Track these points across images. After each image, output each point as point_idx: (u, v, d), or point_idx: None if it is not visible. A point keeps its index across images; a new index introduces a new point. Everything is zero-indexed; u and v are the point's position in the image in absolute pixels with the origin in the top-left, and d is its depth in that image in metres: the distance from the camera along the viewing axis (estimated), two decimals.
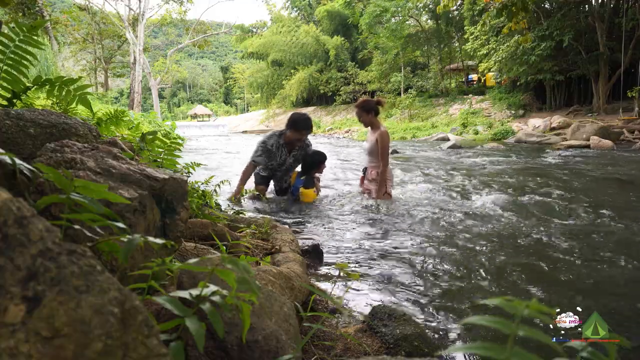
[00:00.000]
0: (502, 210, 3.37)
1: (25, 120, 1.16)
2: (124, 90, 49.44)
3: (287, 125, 3.73)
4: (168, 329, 0.66)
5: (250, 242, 1.84)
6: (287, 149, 3.78)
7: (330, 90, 29.95)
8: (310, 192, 3.69)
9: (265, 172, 3.84)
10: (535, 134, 13.31)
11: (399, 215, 3.23)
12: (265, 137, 3.78)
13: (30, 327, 0.39)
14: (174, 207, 1.16)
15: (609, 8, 16.16)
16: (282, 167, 3.83)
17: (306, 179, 3.74)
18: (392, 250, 2.40)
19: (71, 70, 23.63)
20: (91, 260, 0.46)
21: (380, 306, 1.41)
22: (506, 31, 9.21)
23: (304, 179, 3.74)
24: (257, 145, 3.76)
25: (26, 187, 0.81)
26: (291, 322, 0.98)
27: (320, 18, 32.19)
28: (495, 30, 17.39)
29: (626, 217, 3.11)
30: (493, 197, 3.92)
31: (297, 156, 3.85)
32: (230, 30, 34.08)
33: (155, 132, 1.74)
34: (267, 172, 3.84)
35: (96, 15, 23.78)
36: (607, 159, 7.96)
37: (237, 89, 55.40)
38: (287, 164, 3.83)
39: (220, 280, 0.75)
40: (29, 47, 1.60)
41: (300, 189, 3.68)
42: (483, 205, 3.57)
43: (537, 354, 0.38)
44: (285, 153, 3.78)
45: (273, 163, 3.77)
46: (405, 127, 20.17)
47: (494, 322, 0.39)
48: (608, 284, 1.91)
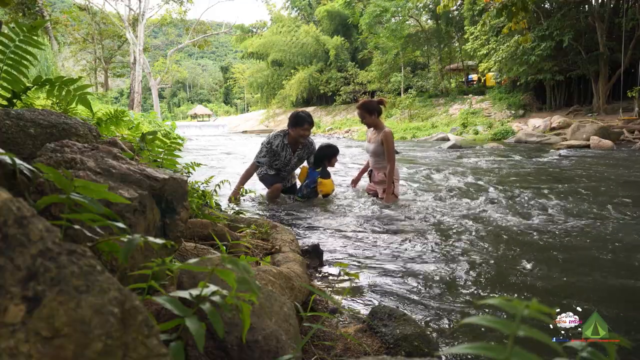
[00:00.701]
0: (502, 211, 3.37)
1: (25, 120, 1.16)
2: (124, 90, 49.44)
3: (289, 124, 3.74)
4: (168, 329, 0.66)
5: (250, 242, 1.84)
6: (292, 149, 3.80)
7: (330, 90, 29.96)
8: (329, 181, 3.69)
9: (272, 170, 3.84)
10: (535, 134, 13.31)
11: (399, 216, 3.23)
12: (271, 138, 3.79)
13: (30, 327, 0.39)
14: (174, 207, 1.16)
15: (609, 8, 16.16)
16: (286, 167, 3.84)
17: (322, 170, 3.75)
18: (392, 250, 2.40)
19: (71, 70, 23.64)
20: (91, 260, 0.46)
21: (380, 306, 1.41)
22: (506, 31, 9.21)
23: (319, 170, 3.76)
24: (261, 147, 3.77)
25: (26, 187, 0.81)
26: (291, 322, 0.98)
27: (320, 18, 32.20)
28: (495, 30, 17.40)
29: (626, 217, 3.11)
30: (493, 198, 3.92)
31: (301, 155, 3.86)
32: (230, 30, 34.07)
33: (155, 132, 1.74)
34: (274, 170, 3.85)
35: (96, 15, 23.78)
36: (607, 159, 7.96)
37: (237, 89, 55.40)
38: (291, 164, 3.85)
39: (220, 280, 0.75)
40: (29, 47, 1.60)
41: (319, 179, 3.69)
42: (483, 206, 3.57)
43: (537, 354, 0.38)
44: (289, 153, 3.79)
45: (277, 163, 3.78)
46: (405, 127, 20.17)
47: (494, 322, 0.39)
48: (608, 283, 1.91)
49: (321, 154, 3.82)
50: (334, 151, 3.83)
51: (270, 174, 3.83)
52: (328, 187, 3.68)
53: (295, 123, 3.70)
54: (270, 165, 3.79)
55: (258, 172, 3.84)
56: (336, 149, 3.87)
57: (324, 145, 3.90)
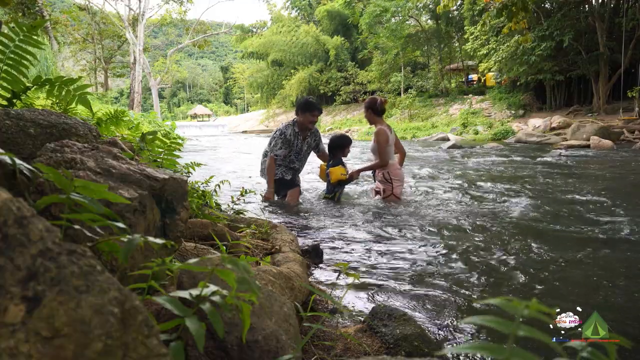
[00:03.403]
0: (502, 211, 3.37)
1: (25, 120, 1.16)
2: (124, 90, 49.42)
3: (298, 110, 3.79)
4: (168, 329, 0.66)
5: (250, 242, 1.83)
6: (302, 136, 3.84)
7: (330, 90, 29.95)
8: (337, 168, 3.70)
9: (289, 173, 3.84)
10: (535, 134, 13.31)
11: (400, 216, 3.23)
12: (282, 129, 3.81)
13: (30, 327, 0.39)
14: (174, 207, 1.16)
15: (609, 8, 16.17)
16: (299, 156, 3.88)
17: (333, 160, 3.82)
18: (392, 250, 2.40)
19: (71, 70, 23.65)
20: (91, 260, 0.46)
21: (380, 306, 1.41)
22: (506, 31, 9.22)
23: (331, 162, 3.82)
24: (274, 140, 3.76)
25: (26, 187, 0.81)
26: (291, 322, 0.98)
27: (320, 18, 32.19)
28: (495, 30, 17.40)
29: (626, 217, 3.11)
30: (493, 198, 3.92)
31: (309, 143, 3.92)
32: (230, 30, 34.06)
33: (155, 132, 1.74)
34: (290, 172, 3.85)
35: (96, 15, 23.79)
36: (608, 159, 7.96)
37: (237, 89, 55.40)
38: (302, 152, 3.89)
39: (220, 280, 0.75)
40: (29, 47, 1.60)
41: (329, 169, 3.73)
42: (483, 206, 3.57)
43: (537, 354, 0.38)
44: (300, 140, 3.84)
45: (291, 153, 3.81)
46: (405, 127, 20.17)
47: (494, 322, 0.39)
48: (608, 283, 1.91)
49: (334, 144, 3.87)
50: (346, 142, 3.89)
51: (286, 179, 3.81)
52: (335, 173, 3.69)
53: (305, 108, 3.74)
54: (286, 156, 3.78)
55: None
56: (349, 139, 3.94)
57: (336, 136, 3.97)
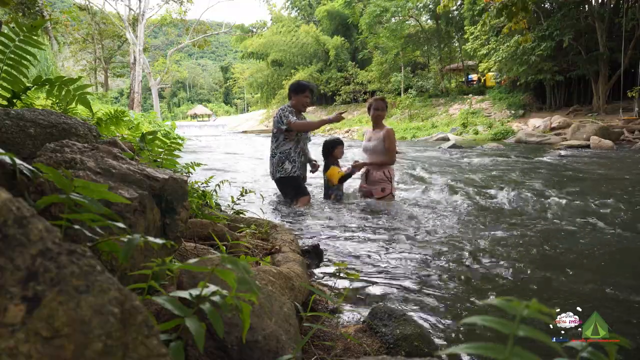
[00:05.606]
0: (502, 211, 3.37)
1: (25, 120, 1.16)
2: (124, 90, 49.39)
3: (291, 93, 3.79)
4: (168, 329, 0.66)
5: (250, 242, 1.83)
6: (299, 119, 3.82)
7: (330, 90, 29.96)
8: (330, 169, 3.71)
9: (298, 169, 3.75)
10: (535, 134, 13.31)
11: (399, 216, 3.23)
12: (280, 110, 3.74)
13: (30, 327, 0.39)
14: (174, 207, 1.16)
15: (609, 8, 16.16)
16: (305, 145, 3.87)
17: (325, 164, 3.87)
18: (392, 250, 2.40)
19: (71, 70, 23.61)
20: (91, 260, 0.46)
21: (380, 306, 1.41)
22: (506, 31, 9.22)
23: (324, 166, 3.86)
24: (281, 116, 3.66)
25: (26, 187, 0.81)
26: (291, 322, 0.98)
27: (320, 18, 32.21)
28: (495, 30, 17.40)
29: (627, 217, 3.11)
30: (493, 198, 3.92)
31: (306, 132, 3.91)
32: (230, 30, 34.03)
33: (155, 132, 1.74)
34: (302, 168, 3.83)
35: (96, 15, 23.77)
36: (608, 159, 7.96)
37: (237, 89, 55.40)
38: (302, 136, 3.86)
39: (220, 280, 0.75)
40: (29, 47, 1.60)
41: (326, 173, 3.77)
42: (482, 206, 3.57)
43: (537, 354, 0.38)
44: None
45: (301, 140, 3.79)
46: (405, 127, 20.16)
47: (494, 322, 0.39)
48: (608, 283, 1.91)
49: (325, 147, 3.95)
50: (335, 143, 3.93)
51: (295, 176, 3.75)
52: (333, 174, 3.71)
53: (297, 90, 3.74)
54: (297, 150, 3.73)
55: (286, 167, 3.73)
56: (338, 140, 3.99)
57: (326, 140, 4.03)
